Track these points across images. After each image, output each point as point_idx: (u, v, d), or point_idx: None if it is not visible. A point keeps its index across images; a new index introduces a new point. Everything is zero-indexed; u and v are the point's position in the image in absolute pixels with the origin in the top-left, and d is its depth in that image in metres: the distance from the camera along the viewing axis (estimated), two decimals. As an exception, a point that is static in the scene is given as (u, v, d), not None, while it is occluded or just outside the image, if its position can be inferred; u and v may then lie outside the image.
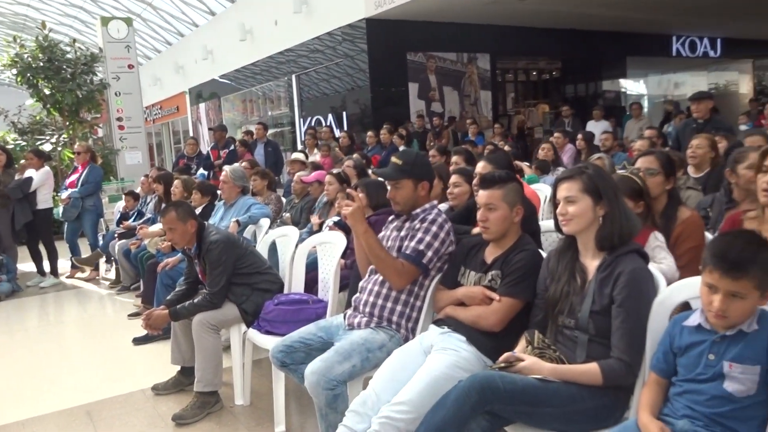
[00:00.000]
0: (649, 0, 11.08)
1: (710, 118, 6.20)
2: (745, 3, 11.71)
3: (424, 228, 2.75)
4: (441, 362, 2.33)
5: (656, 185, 2.81)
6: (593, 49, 14.04)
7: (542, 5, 10.85)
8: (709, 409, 1.78)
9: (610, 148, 6.92)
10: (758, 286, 1.70)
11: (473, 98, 12.71)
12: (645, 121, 10.39)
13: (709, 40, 16.09)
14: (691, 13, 12.56)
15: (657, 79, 17.11)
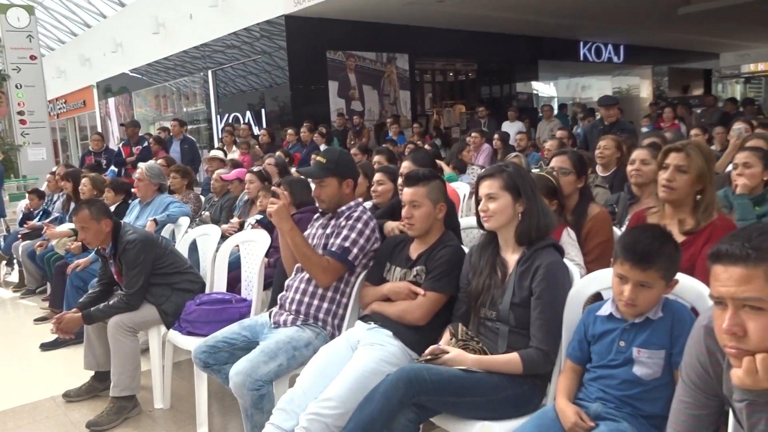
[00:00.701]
0: (559, 6, 11.59)
1: (616, 121, 6.59)
2: (644, 13, 12.47)
3: (350, 225, 2.77)
4: (368, 357, 2.36)
5: (569, 184, 2.97)
6: (507, 52, 14.54)
7: (459, 8, 11.12)
8: (620, 392, 1.90)
9: (524, 147, 7.20)
10: (663, 276, 1.84)
11: (392, 98, 12.85)
12: (555, 123, 10.87)
13: (613, 46, 17.01)
14: (596, 20, 13.25)
15: (566, 82, 17.93)
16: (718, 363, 1.45)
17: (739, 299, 1.26)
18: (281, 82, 11.86)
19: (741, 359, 1.28)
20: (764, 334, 1.25)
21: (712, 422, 1.52)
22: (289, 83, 11.61)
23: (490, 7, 11.23)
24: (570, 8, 11.82)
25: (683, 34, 15.56)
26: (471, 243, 3.18)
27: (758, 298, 1.24)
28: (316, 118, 10.65)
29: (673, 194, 2.50)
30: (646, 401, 1.87)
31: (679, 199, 2.51)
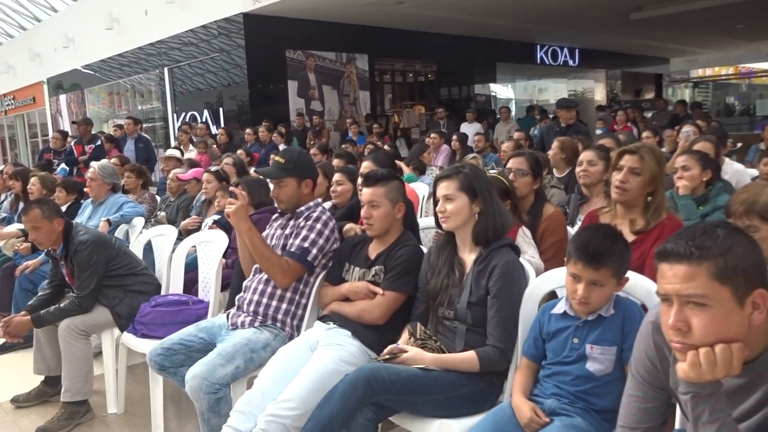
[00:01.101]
0: (516, 10, 11.77)
1: (572, 123, 6.75)
2: (598, 18, 12.77)
3: (309, 226, 2.76)
4: (327, 357, 2.36)
5: (525, 185, 3.03)
6: (466, 54, 14.69)
7: (419, 9, 11.19)
8: (573, 387, 1.95)
9: (482, 149, 7.29)
10: (615, 274, 1.90)
11: (352, 98, 12.84)
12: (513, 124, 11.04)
13: (568, 50, 17.35)
14: (552, 24, 13.51)
15: (524, 84, 18.22)
16: (665, 357, 1.50)
17: (684, 296, 1.31)
18: (240, 80, 11.72)
19: (686, 353, 1.33)
20: (707, 330, 1.30)
21: (660, 414, 1.57)
22: (248, 82, 11.48)
23: (450, 9, 11.33)
24: (527, 12, 12.02)
25: (635, 39, 16.00)
26: (430, 243, 3.21)
27: (701, 295, 1.29)
28: (275, 118, 10.56)
29: (625, 195, 2.58)
30: (599, 396, 1.92)
31: (631, 200, 2.59)
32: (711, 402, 1.33)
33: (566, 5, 11.43)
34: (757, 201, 2.04)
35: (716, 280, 1.29)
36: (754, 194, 2.06)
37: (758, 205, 2.04)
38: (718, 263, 1.29)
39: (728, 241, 1.31)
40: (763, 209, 2.04)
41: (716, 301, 1.29)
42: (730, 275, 1.28)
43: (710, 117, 9.95)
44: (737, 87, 19.39)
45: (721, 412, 1.33)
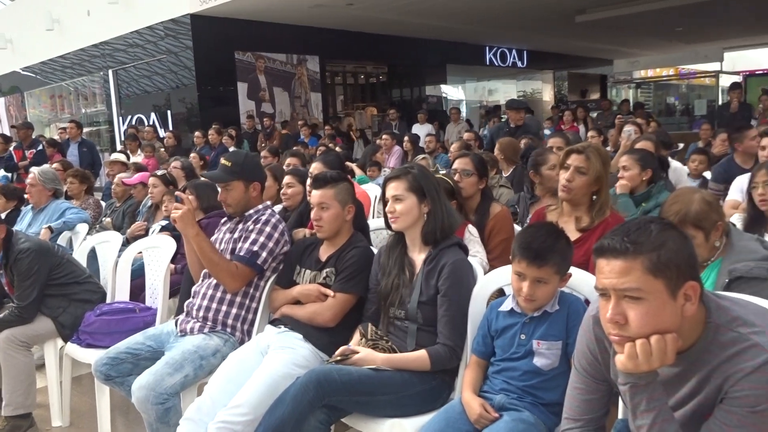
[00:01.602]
0: (466, 12, 11.93)
1: (522, 124, 6.88)
2: (545, 20, 13.06)
3: (258, 229, 2.74)
4: (278, 361, 2.35)
5: (470, 185, 3.08)
6: (417, 56, 14.80)
7: (369, 11, 11.22)
8: (521, 382, 1.99)
9: (433, 149, 7.36)
10: (558, 271, 1.95)
11: (303, 100, 12.77)
12: (463, 125, 11.18)
13: (516, 51, 17.68)
14: (501, 27, 13.74)
15: (474, 85, 18.47)
16: (605, 350, 1.55)
17: (620, 290, 1.36)
18: (188, 82, 11.51)
19: (623, 345, 1.38)
20: (642, 322, 1.35)
21: (602, 405, 1.62)
22: (197, 84, 11.29)
23: (399, 11, 11.40)
24: (476, 15, 12.19)
25: (581, 42, 16.43)
26: (380, 244, 3.22)
27: (636, 288, 1.34)
28: (225, 120, 10.41)
29: (571, 194, 2.65)
30: (546, 390, 1.97)
31: (576, 198, 2.66)
32: (648, 391, 1.38)
33: (513, 8, 11.64)
34: (689, 211, 2.13)
35: (650, 273, 1.34)
36: (686, 204, 2.15)
37: (690, 215, 2.13)
38: (652, 258, 1.34)
39: (661, 237, 1.36)
40: (696, 218, 2.13)
41: (650, 294, 1.34)
42: (663, 269, 1.34)
43: (652, 117, 10.28)
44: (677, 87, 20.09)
45: (658, 401, 1.38)
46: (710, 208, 2.16)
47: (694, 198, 2.17)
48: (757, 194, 2.82)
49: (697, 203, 2.15)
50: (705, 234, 2.16)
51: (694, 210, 2.13)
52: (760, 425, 1.31)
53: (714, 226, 2.17)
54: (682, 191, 2.28)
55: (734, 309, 1.40)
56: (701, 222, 2.14)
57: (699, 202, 2.15)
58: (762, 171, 2.85)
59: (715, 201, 2.24)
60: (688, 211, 2.13)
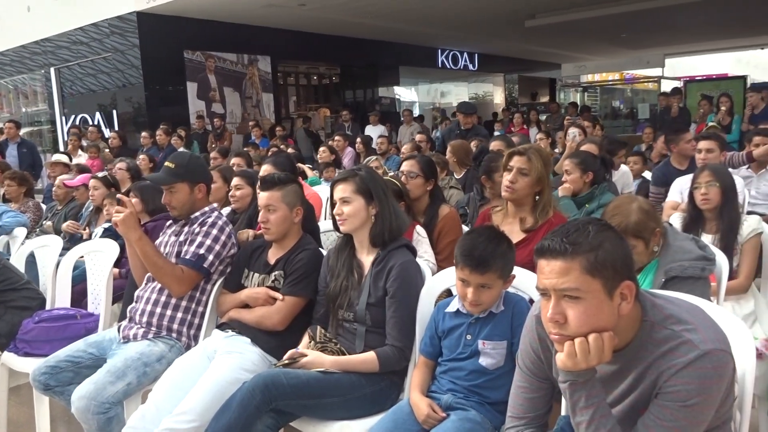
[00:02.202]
0: (417, 15, 12.01)
1: (472, 127, 6.97)
2: (495, 24, 13.27)
3: (204, 231, 2.69)
4: (225, 366, 2.31)
5: (417, 186, 3.11)
6: (370, 57, 14.82)
7: (321, 12, 11.16)
8: (468, 382, 2.02)
9: (385, 151, 7.37)
10: (501, 275, 1.98)
11: (255, 100, 12.61)
12: (415, 126, 11.24)
13: (468, 54, 17.90)
14: (452, 29, 13.89)
15: (426, 87, 18.61)
16: (547, 349, 1.58)
17: (560, 290, 1.39)
18: (135, 81, 11.22)
19: (563, 344, 1.41)
20: (581, 321, 1.38)
21: (546, 403, 1.66)
22: (144, 83, 11.01)
23: (352, 13, 11.39)
24: (428, 17, 12.28)
25: (530, 46, 16.74)
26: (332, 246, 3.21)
27: (575, 288, 1.37)
28: (174, 121, 10.19)
29: (515, 194, 2.70)
30: (492, 389, 2.00)
31: (520, 199, 2.71)
32: (587, 388, 1.42)
33: (465, 12, 11.78)
34: (628, 224, 2.22)
35: (588, 273, 1.37)
36: (625, 216, 2.23)
37: (630, 226, 2.21)
38: (590, 258, 1.38)
39: (598, 237, 1.40)
40: (635, 229, 2.22)
41: (589, 294, 1.38)
42: (600, 269, 1.38)
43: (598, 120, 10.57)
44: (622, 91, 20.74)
45: (596, 398, 1.42)
46: (648, 217, 2.24)
47: (632, 209, 2.25)
48: (699, 194, 2.95)
49: (636, 214, 2.23)
50: (645, 242, 2.25)
51: (633, 221, 2.21)
52: (691, 419, 1.36)
53: (653, 233, 2.25)
54: (620, 202, 2.35)
55: (668, 307, 1.45)
56: (641, 232, 2.23)
57: (637, 212, 2.23)
58: (705, 172, 2.97)
59: (652, 209, 2.32)
60: (628, 222, 2.21)
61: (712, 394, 1.36)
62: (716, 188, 2.91)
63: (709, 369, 1.34)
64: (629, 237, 2.22)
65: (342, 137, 7.92)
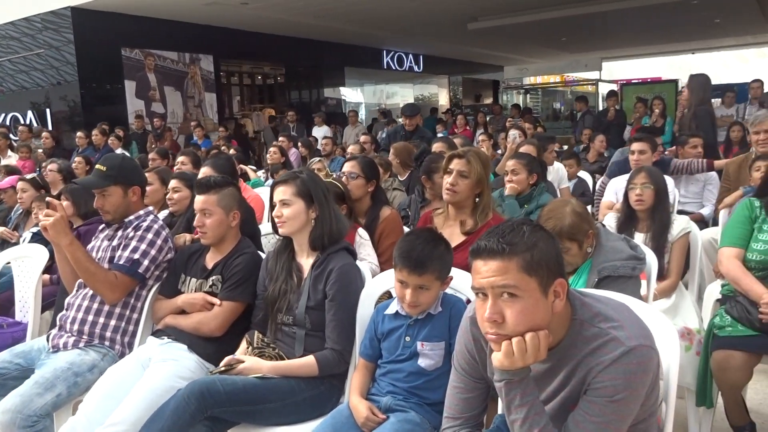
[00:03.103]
0: (362, 16, 12.02)
1: (416, 128, 7.02)
2: (438, 26, 13.42)
3: (139, 236, 2.61)
4: (160, 374, 2.25)
5: (357, 188, 3.11)
6: (315, 58, 14.74)
7: (265, 11, 11.03)
8: (407, 384, 2.03)
9: (329, 152, 7.35)
10: (438, 276, 1.99)
11: (197, 100, 12.35)
12: (360, 128, 11.26)
13: (413, 56, 18.05)
14: (397, 31, 13.98)
15: (372, 88, 18.65)
16: (482, 349, 1.60)
17: (498, 287, 1.41)
18: (70, 79, 10.82)
19: (500, 344, 1.43)
20: (518, 319, 1.41)
21: (480, 402, 1.68)
22: (79, 81, 10.63)
23: (296, 12, 11.31)
24: (373, 19, 12.32)
25: (474, 48, 17.01)
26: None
27: (513, 286, 1.40)
28: (111, 120, 9.89)
29: (455, 197, 2.73)
30: (430, 390, 2.01)
31: (460, 201, 2.75)
32: (522, 387, 1.44)
33: (409, 13, 11.87)
34: (563, 226, 2.28)
35: (525, 272, 1.40)
36: (559, 220, 2.30)
37: (564, 229, 2.28)
38: (526, 257, 1.40)
39: (533, 237, 1.43)
40: (569, 232, 2.29)
41: (525, 292, 1.40)
42: (536, 267, 1.41)
43: (539, 122, 10.83)
44: (563, 94, 21.30)
45: (530, 395, 1.45)
46: (581, 220, 2.31)
47: (565, 212, 2.31)
48: (634, 195, 3.06)
49: (569, 217, 2.29)
50: (579, 244, 2.32)
51: (568, 224, 2.28)
52: (618, 413, 1.40)
53: (586, 235, 2.32)
54: (554, 206, 2.41)
55: (596, 305, 1.50)
56: (575, 234, 2.29)
57: (571, 215, 2.30)
58: (641, 174, 3.08)
59: (585, 211, 2.39)
60: (563, 225, 2.27)
61: (637, 389, 1.40)
62: (650, 190, 3.03)
63: (634, 365, 1.38)
64: (564, 239, 2.28)
65: (286, 138, 7.84)
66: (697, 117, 5.73)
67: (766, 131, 3.95)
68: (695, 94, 5.93)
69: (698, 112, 5.76)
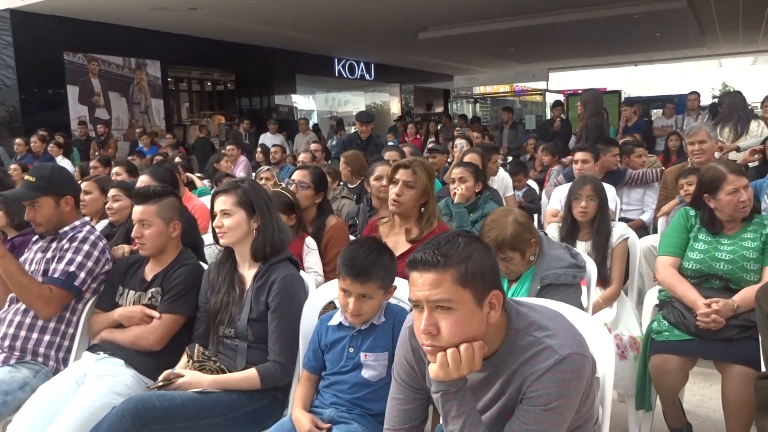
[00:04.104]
0: (313, 24, 11.99)
1: (370, 136, 7.03)
2: (389, 35, 13.52)
3: (74, 247, 2.53)
4: (95, 391, 2.18)
5: (306, 198, 3.09)
6: (266, 65, 14.61)
7: (213, 17, 10.88)
8: (350, 395, 2.02)
9: (279, 160, 7.28)
10: (381, 285, 1.99)
11: (144, 106, 12.06)
12: (311, 136, 11.20)
13: (364, 64, 18.09)
14: (348, 39, 13.99)
15: (324, 96, 18.61)
16: (421, 360, 1.61)
17: (433, 301, 1.41)
18: (9, 83, 10.41)
19: (436, 355, 1.44)
20: (453, 331, 1.41)
21: (420, 413, 1.69)
22: (19, 85, 10.25)
23: (245, 19, 11.19)
24: (323, 27, 12.30)
25: (425, 57, 17.18)
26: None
27: (447, 299, 1.41)
28: (54, 126, 9.56)
29: (401, 207, 2.74)
30: (374, 401, 2.00)
31: (406, 211, 2.76)
32: (458, 397, 1.45)
33: (360, 22, 11.91)
34: (505, 236, 2.32)
35: (459, 284, 1.41)
36: (501, 230, 2.33)
37: (506, 239, 2.32)
38: (460, 269, 1.41)
39: (468, 249, 1.44)
40: (511, 242, 2.32)
41: (460, 304, 1.41)
42: (470, 279, 1.42)
43: (488, 131, 11.01)
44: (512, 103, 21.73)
45: (467, 406, 1.46)
46: (523, 229, 2.35)
47: (508, 222, 2.34)
48: (578, 206, 3.12)
49: (511, 226, 2.33)
50: (521, 253, 2.36)
51: (510, 234, 2.31)
52: (552, 421, 1.43)
53: (528, 244, 2.36)
54: (497, 215, 2.44)
55: (531, 315, 1.52)
56: (517, 244, 2.33)
57: (513, 225, 2.33)
58: (587, 186, 3.15)
59: (527, 220, 2.43)
60: (505, 236, 2.31)
61: (571, 397, 1.43)
62: (595, 203, 3.11)
63: (567, 372, 1.41)
64: (506, 248, 2.32)
65: (234, 146, 7.73)
66: (588, 128, 6.01)
67: (700, 142, 4.10)
68: (588, 107, 6.23)
69: (589, 124, 6.05)
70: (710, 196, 2.61)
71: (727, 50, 20.15)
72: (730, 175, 2.57)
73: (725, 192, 2.56)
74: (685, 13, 11.65)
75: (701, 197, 2.67)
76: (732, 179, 2.56)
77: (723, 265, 2.56)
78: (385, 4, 10.41)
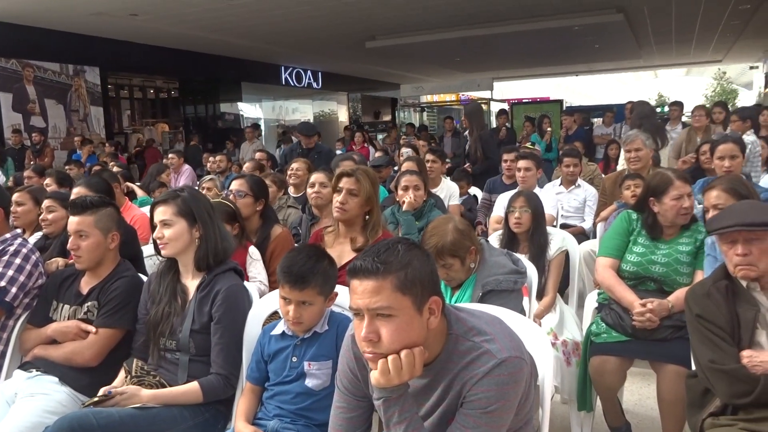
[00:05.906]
0: (258, 31, 11.88)
1: (315, 145, 7.01)
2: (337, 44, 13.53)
3: (5, 261, 2.43)
4: (27, 410, 2.09)
5: (246, 206, 3.06)
6: (211, 72, 14.39)
7: (156, 23, 10.65)
8: (294, 405, 2.00)
9: (224, 169, 7.17)
10: (321, 292, 1.99)
11: (82, 114, 11.67)
12: (257, 144, 11.07)
13: (312, 72, 18.04)
14: (294, 47, 13.93)
15: (271, 104, 18.46)
16: (363, 367, 1.61)
17: (373, 309, 1.42)
18: (-64, 90, 9.93)
19: (377, 362, 1.44)
20: (393, 338, 1.42)
21: (364, 421, 1.69)
22: (-53, 92, 9.78)
23: (189, 26, 11.00)
24: (269, 35, 12.21)
25: (372, 66, 17.29)
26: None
27: (387, 306, 1.41)
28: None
29: (345, 215, 2.74)
30: (318, 411, 1.99)
31: (351, 219, 2.76)
32: (400, 403, 1.46)
33: (306, 30, 11.88)
34: (444, 243, 2.35)
35: (399, 291, 1.42)
36: (441, 237, 2.37)
37: (446, 246, 2.35)
38: (400, 276, 1.42)
39: (407, 256, 1.46)
40: (451, 249, 2.36)
41: (400, 311, 1.42)
42: (410, 286, 1.43)
43: (434, 139, 11.14)
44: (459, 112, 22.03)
45: (409, 412, 1.47)
46: (463, 236, 2.39)
47: (448, 229, 2.38)
48: (513, 218, 3.20)
49: (451, 234, 2.37)
50: (461, 260, 2.40)
51: (450, 241, 2.35)
52: (492, 423, 1.45)
53: (468, 251, 2.40)
54: (437, 223, 2.48)
55: (470, 320, 1.54)
56: (457, 251, 2.37)
57: (453, 232, 2.37)
58: (520, 198, 3.23)
59: (467, 228, 2.47)
60: (444, 243, 2.35)
61: (509, 399, 1.46)
62: (528, 214, 3.19)
63: (505, 376, 1.44)
64: (446, 255, 2.35)
65: (176, 155, 7.57)
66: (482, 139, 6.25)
67: (636, 150, 4.25)
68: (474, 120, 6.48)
69: (483, 135, 6.29)
70: (656, 199, 2.70)
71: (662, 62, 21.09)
72: (677, 181, 2.67)
73: (670, 197, 2.65)
74: (622, 26, 12.13)
75: (647, 200, 2.76)
76: (678, 185, 2.65)
77: (658, 268, 2.65)
78: (332, 13, 10.42)
